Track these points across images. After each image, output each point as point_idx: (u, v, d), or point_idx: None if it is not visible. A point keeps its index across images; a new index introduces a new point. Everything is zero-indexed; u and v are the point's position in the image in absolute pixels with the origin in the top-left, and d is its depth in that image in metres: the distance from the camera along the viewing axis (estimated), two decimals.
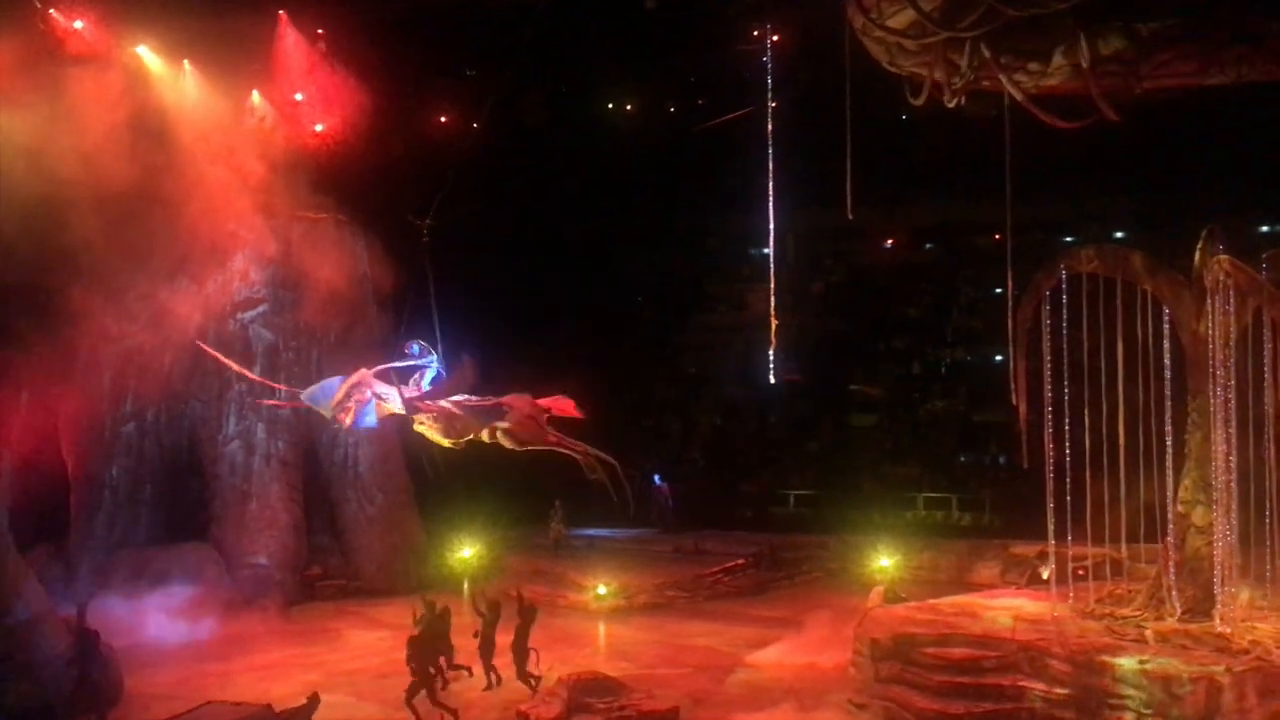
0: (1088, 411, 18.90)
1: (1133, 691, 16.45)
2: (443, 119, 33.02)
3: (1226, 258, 18.27)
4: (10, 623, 19.25)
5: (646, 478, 33.21)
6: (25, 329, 25.21)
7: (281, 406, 24.50)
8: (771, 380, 26.64)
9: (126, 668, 20.71)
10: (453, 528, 30.33)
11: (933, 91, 17.83)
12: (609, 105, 36.51)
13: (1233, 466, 18.30)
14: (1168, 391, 18.73)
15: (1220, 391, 18.28)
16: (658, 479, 34.15)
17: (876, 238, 43.30)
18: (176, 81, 27.15)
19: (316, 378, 24.07)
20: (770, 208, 25.68)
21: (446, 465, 26.68)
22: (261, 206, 28.48)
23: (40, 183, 22.39)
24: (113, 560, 27.09)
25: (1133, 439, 18.73)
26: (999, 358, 28.52)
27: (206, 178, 26.96)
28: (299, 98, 28.84)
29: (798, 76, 27.71)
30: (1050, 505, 19.28)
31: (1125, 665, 16.67)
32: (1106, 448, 18.71)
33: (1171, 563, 18.94)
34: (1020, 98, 16.97)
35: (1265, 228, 34.62)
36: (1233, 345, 18.29)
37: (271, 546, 28.36)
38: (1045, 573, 20.66)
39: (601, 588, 27.43)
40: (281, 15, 27.94)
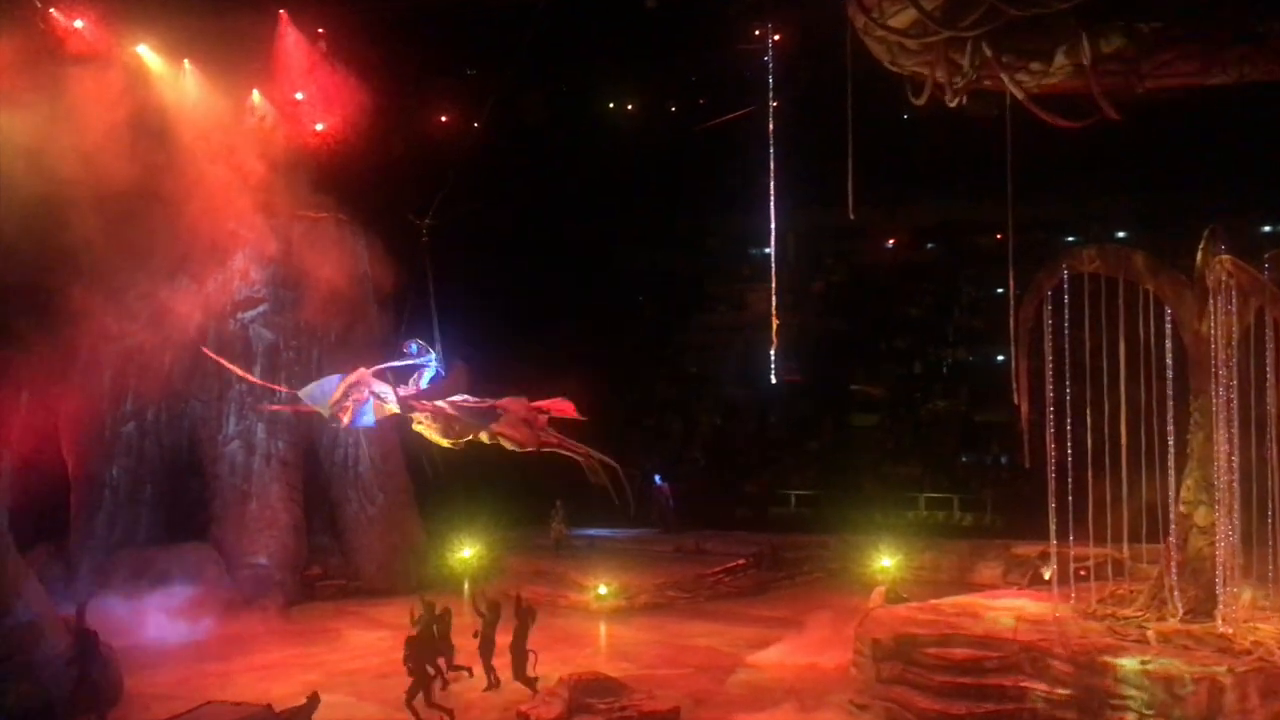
0: (1089, 411, 18.87)
1: (1134, 692, 16.44)
2: (443, 118, 33.00)
3: (1229, 258, 18.26)
4: (10, 623, 19.21)
5: (647, 478, 33.17)
6: (25, 328, 25.19)
7: (284, 410, 24.43)
8: (773, 380, 26.64)
9: (126, 668, 20.70)
10: (453, 528, 30.32)
11: (934, 91, 17.80)
12: (610, 105, 36.47)
13: (1235, 466, 18.29)
14: (1170, 391, 18.72)
15: (1222, 391, 18.26)
16: (658, 479, 34.09)
17: (878, 237, 43.24)
18: (177, 81, 27.14)
19: (317, 377, 23.89)
20: (771, 207, 25.70)
21: (446, 466, 26.64)
22: (262, 206, 28.46)
23: (41, 182, 22.36)
24: (113, 560, 27.07)
25: (1135, 439, 18.69)
26: (1001, 357, 28.53)
27: (207, 177, 26.95)
28: (299, 97, 28.84)
29: (799, 76, 27.68)
30: (1052, 505, 19.26)
31: (1127, 666, 16.66)
32: (1108, 448, 18.68)
33: (1173, 563, 18.92)
34: (1022, 97, 16.94)
35: (1267, 227, 34.61)
36: (1235, 345, 18.28)
37: (271, 546, 28.35)
38: (1047, 573, 20.62)
39: (602, 588, 27.40)
40: (282, 14, 27.95)
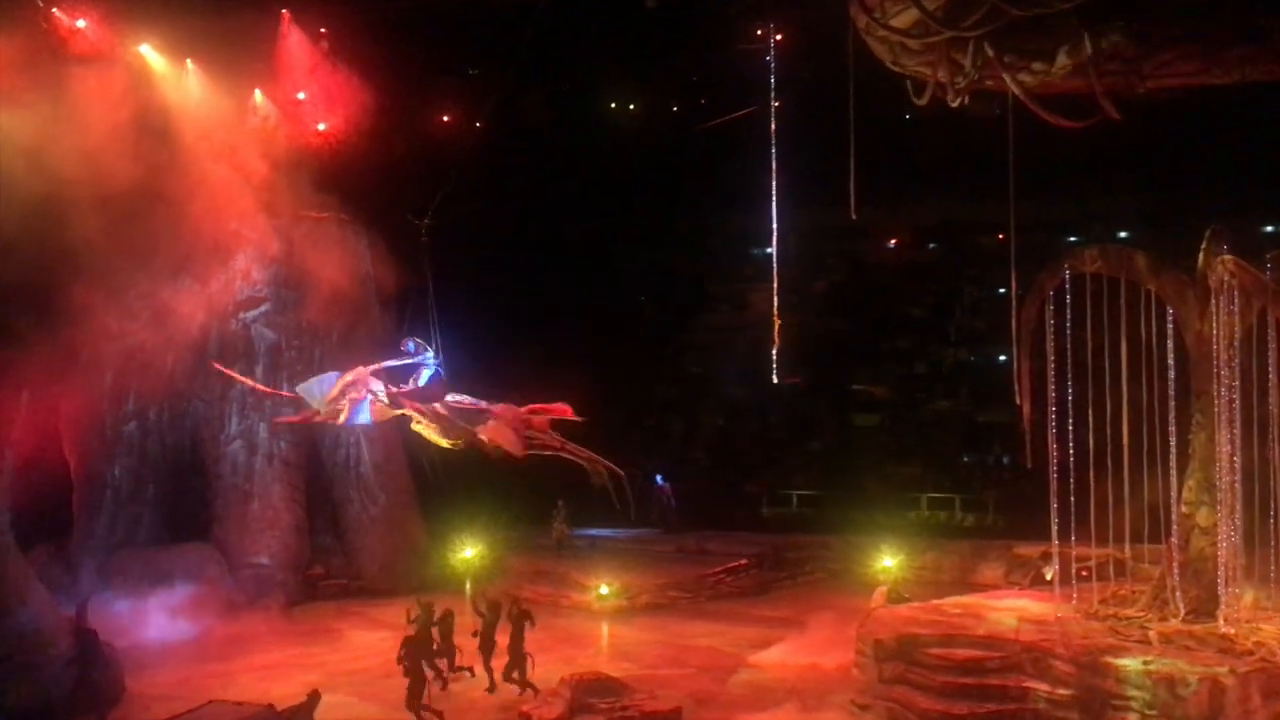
0: (1091, 412, 18.89)
1: (1136, 692, 16.45)
2: (445, 118, 33.00)
3: (1230, 258, 18.27)
4: (11, 623, 19.24)
5: (649, 478, 33.17)
6: (27, 328, 25.11)
7: (294, 421, 23.96)
8: (774, 381, 26.60)
9: (128, 667, 20.75)
10: (455, 528, 30.30)
11: (936, 91, 17.78)
12: (611, 104, 36.45)
13: (1237, 467, 18.32)
14: (1171, 392, 18.74)
15: (1224, 392, 18.27)
16: (660, 479, 34.11)
17: (879, 237, 43.16)
18: (179, 80, 27.16)
19: None
20: (773, 207, 25.63)
21: (447, 466, 26.65)
22: (264, 206, 28.48)
23: (43, 182, 22.33)
24: (114, 560, 27.07)
25: (1136, 439, 18.72)
26: (1003, 358, 28.50)
27: (209, 177, 26.98)
28: (301, 97, 28.87)
29: (800, 76, 27.63)
30: (1054, 506, 19.29)
31: (1129, 666, 16.66)
32: (1110, 448, 18.70)
33: (1175, 563, 18.92)
34: (1024, 97, 16.92)
35: (1269, 228, 34.54)
36: (1237, 345, 18.28)
37: (273, 546, 28.36)
38: (1049, 573, 20.61)
39: (604, 588, 27.39)
40: (284, 14, 27.99)
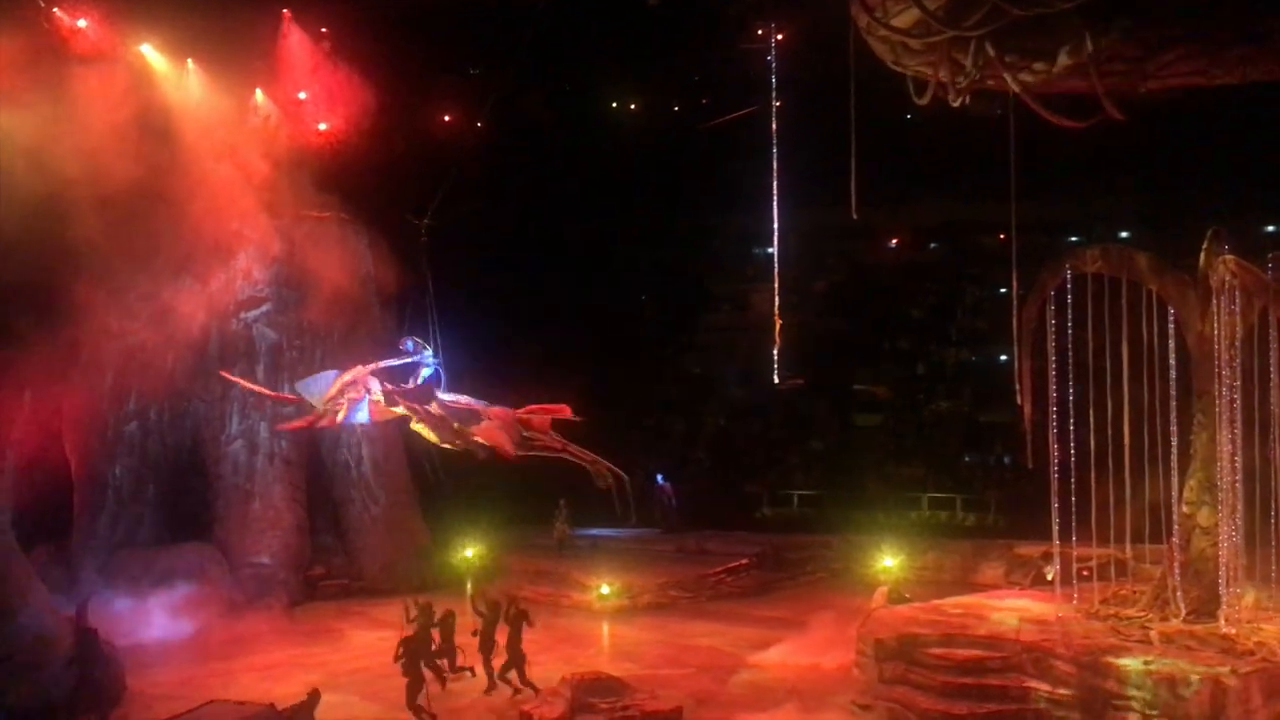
0: (1092, 412, 18.87)
1: (1137, 693, 16.42)
2: (446, 117, 33.05)
3: (1232, 258, 18.25)
4: (12, 623, 19.22)
5: (649, 477, 33.16)
6: (28, 328, 25.10)
7: (298, 427, 23.80)
8: (776, 381, 26.61)
9: (129, 667, 20.74)
10: (456, 528, 30.31)
11: (937, 90, 17.76)
12: (611, 104, 36.49)
13: (1238, 467, 18.29)
14: (1173, 392, 18.72)
15: (1226, 392, 18.25)
16: (660, 479, 34.10)
17: (881, 237, 43.16)
18: (180, 80, 27.19)
19: None
20: (774, 207, 25.65)
21: (448, 466, 26.63)
22: (265, 205, 28.48)
23: (44, 181, 22.35)
24: (115, 560, 27.06)
25: (1138, 439, 18.71)
26: (1004, 358, 28.51)
27: (210, 176, 26.98)
28: (302, 96, 28.92)
29: (801, 75, 27.64)
30: (1055, 506, 19.27)
31: (1130, 666, 16.64)
32: (1111, 448, 18.68)
33: (1176, 563, 18.90)
34: (1025, 97, 16.91)
35: (1270, 228, 34.53)
36: (1238, 345, 18.26)
37: (274, 546, 28.34)
38: (1050, 573, 20.61)
39: (605, 588, 27.38)
40: (285, 14, 28.05)
